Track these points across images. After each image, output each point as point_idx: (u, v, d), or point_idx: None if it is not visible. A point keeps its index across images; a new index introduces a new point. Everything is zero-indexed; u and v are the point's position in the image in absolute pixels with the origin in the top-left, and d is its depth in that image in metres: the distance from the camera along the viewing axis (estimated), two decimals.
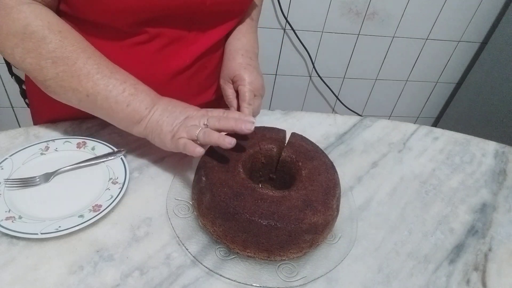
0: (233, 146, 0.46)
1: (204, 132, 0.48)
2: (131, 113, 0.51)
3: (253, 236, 0.43)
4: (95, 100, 0.50)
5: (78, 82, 0.49)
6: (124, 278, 0.43)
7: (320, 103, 1.66)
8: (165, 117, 0.51)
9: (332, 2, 1.34)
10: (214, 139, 0.47)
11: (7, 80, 1.34)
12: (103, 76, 0.50)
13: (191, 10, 0.56)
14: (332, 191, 0.47)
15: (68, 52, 0.49)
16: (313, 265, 0.46)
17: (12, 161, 0.53)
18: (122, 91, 0.50)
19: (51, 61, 0.48)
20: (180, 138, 0.49)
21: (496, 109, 1.45)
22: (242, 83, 0.60)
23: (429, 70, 1.61)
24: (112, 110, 0.51)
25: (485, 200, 0.62)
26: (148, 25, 0.55)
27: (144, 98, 0.51)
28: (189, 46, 0.61)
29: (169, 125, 0.50)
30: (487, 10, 1.45)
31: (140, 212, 0.50)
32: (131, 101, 0.51)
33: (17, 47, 0.48)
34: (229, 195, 0.44)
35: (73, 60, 0.49)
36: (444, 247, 0.53)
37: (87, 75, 0.49)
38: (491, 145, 0.75)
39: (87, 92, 0.50)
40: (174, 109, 0.52)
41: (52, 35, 0.48)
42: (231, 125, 0.48)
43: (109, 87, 0.50)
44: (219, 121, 0.49)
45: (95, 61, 0.50)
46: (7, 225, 0.44)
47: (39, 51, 0.48)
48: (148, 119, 0.51)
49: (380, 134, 0.73)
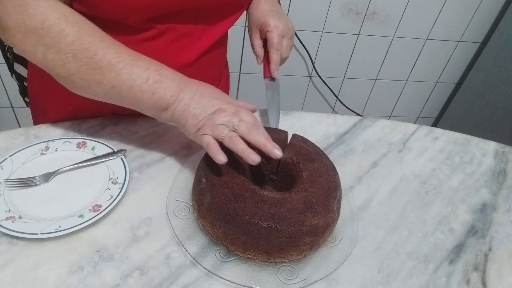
0: (256, 164, 0.45)
1: (230, 137, 0.46)
2: (157, 101, 0.49)
3: (253, 238, 0.43)
4: (120, 91, 0.49)
5: (101, 74, 0.48)
6: (124, 278, 0.43)
7: (320, 103, 1.66)
8: (191, 108, 0.48)
9: (332, 2, 1.34)
10: (239, 150, 0.46)
11: (7, 80, 1.34)
12: (125, 65, 0.48)
13: (198, 5, 0.57)
14: (333, 193, 0.47)
15: (86, 43, 0.47)
16: (313, 267, 0.46)
17: (12, 161, 0.53)
18: (146, 79, 0.48)
19: (71, 55, 0.47)
20: (205, 135, 0.47)
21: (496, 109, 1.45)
22: (268, 29, 0.64)
23: (429, 70, 1.61)
24: (138, 99, 0.49)
25: (485, 200, 0.62)
26: (158, 21, 0.56)
27: (169, 85, 0.49)
28: (195, 42, 0.62)
29: (194, 118, 0.48)
30: (487, 10, 1.45)
31: (140, 212, 0.50)
32: (156, 88, 0.49)
33: (38, 44, 0.47)
34: (229, 196, 0.44)
35: (92, 51, 0.47)
36: (444, 247, 0.53)
37: (109, 66, 0.48)
38: (491, 145, 0.75)
39: (111, 83, 0.48)
40: (202, 99, 0.49)
41: (69, 27, 0.47)
42: (261, 143, 0.46)
43: (133, 76, 0.48)
44: (250, 132, 0.47)
45: (115, 50, 0.49)
46: (7, 225, 0.44)
47: (59, 46, 0.47)
48: (174, 107, 0.49)
49: (380, 134, 0.73)
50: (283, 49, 0.66)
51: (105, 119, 0.64)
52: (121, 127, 0.63)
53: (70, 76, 0.49)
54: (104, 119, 0.64)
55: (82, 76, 0.48)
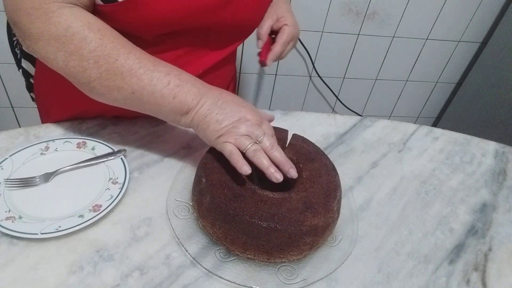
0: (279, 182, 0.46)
1: (255, 150, 0.46)
2: (178, 105, 0.49)
3: (253, 238, 0.43)
4: (141, 96, 0.49)
5: (121, 79, 0.48)
6: (124, 278, 0.43)
7: (320, 103, 1.66)
8: (214, 114, 0.48)
9: (332, 2, 1.34)
10: (264, 166, 0.46)
11: (7, 80, 1.34)
12: (146, 70, 0.48)
13: (210, 26, 0.58)
14: (333, 193, 0.47)
15: (108, 50, 0.47)
16: (313, 267, 0.46)
17: (12, 161, 0.53)
18: (167, 84, 0.49)
19: (93, 61, 0.47)
20: (227, 143, 0.47)
21: (496, 109, 1.45)
22: (286, 23, 0.67)
23: (429, 70, 1.61)
24: (159, 104, 0.49)
25: (485, 200, 0.62)
26: (169, 37, 0.56)
27: (190, 89, 0.49)
28: (202, 57, 0.63)
29: (217, 124, 0.48)
30: (487, 10, 1.44)
31: (140, 212, 0.50)
32: (177, 93, 0.49)
33: (59, 51, 0.47)
34: (229, 196, 0.44)
35: (114, 57, 0.48)
36: (444, 247, 0.53)
37: (130, 71, 0.48)
38: (491, 145, 0.75)
39: (132, 89, 0.48)
40: (225, 106, 0.49)
41: (92, 34, 0.47)
42: (280, 162, 0.47)
43: (153, 81, 0.48)
44: (272, 149, 0.47)
45: (136, 55, 0.49)
46: (7, 225, 0.44)
47: (81, 53, 0.47)
48: (195, 111, 0.49)
49: (380, 134, 0.73)
50: (286, 49, 0.68)
51: (105, 119, 0.64)
52: (121, 127, 0.63)
53: (91, 82, 0.49)
54: (104, 119, 0.65)
55: (103, 82, 0.48)
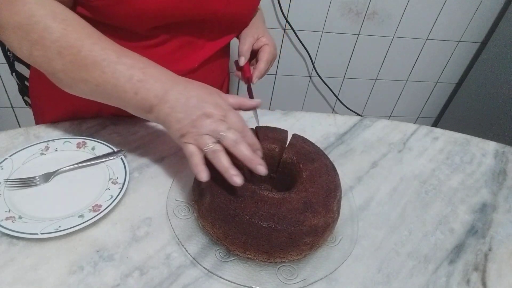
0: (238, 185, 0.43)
1: (213, 152, 0.43)
2: (141, 101, 0.46)
3: (253, 238, 0.43)
4: (105, 90, 0.47)
5: (86, 71, 0.46)
6: (124, 278, 0.43)
7: (320, 103, 1.66)
8: (176, 112, 0.45)
9: (332, 2, 1.34)
10: (222, 169, 0.43)
11: (7, 80, 1.34)
12: (109, 63, 0.46)
13: (204, 18, 0.58)
14: (333, 193, 0.47)
15: (72, 40, 0.46)
16: (313, 267, 0.46)
17: (12, 161, 0.53)
18: (130, 78, 0.46)
19: (56, 52, 0.46)
20: (188, 144, 0.45)
21: (496, 109, 1.45)
22: (268, 43, 0.67)
23: (429, 70, 1.61)
24: (123, 99, 0.47)
25: (485, 200, 0.62)
26: (163, 30, 0.56)
27: (152, 85, 0.46)
28: (198, 50, 0.62)
29: (178, 123, 0.45)
30: (487, 10, 1.44)
31: (140, 212, 0.50)
32: (139, 88, 0.46)
33: (23, 40, 0.46)
34: (229, 196, 0.44)
35: (77, 48, 0.46)
36: (444, 247, 0.53)
37: (94, 63, 0.46)
38: (491, 145, 0.75)
39: (96, 81, 0.47)
40: (188, 101, 0.45)
41: (55, 24, 0.46)
42: (246, 159, 0.44)
43: (116, 74, 0.46)
44: (236, 145, 0.44)
45: (101, 47, 0.47)
46: (7, 225, 0.44)
47: (44, 42, 0.46)
48: (158, 110, 0.46)
49: (380, 134, 0.73)
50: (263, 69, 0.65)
51: (105, 119, 0.64)
52: (121, 127, 0.63)
53: (57, 73, 0.48)
54: (104, 119, 0.65)
55: (69, 73, 0.47)
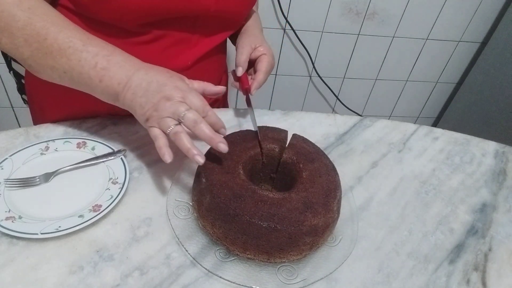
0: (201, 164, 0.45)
1: (175, 133, 0.45)
2: (106, 89, 0.48)
3: (253, 238, 0.43)
4: (72, 77, 0.48)
5: (52, 59, 0.47)
6: (124, 278, 0.43)
7: (320, 103, 1.66)
8: (138, 97, 0.47)
9: (332, 2, 1.34)
10: (184, 149, 0.45)
11: (7, 80, 1.34)
12: (74, 50, 0.47)
13: (195, 14, 0.57)
14: (333, 193, 0.47)
15: (38, 28, 0.46)
16: (313, 267, 0.46)
17: (12, 161, 0.53)
18: (94, 66, 0.47)
19: (23, 39, 0.47)
20: (152, 127, 0.46)
21: (496, 109, 1.45)
22: (266, 53, 0.65)
23: (429, 70, 1.61)
24: (89, 86, 0.48)
25: (485, 200, 0.62)
26: (154, 26, 0.56)
27: (116, 72, 0.47)
28: (191, 48, 0.62)
29: (141, 108, 0.46)
30: (487, 10, 1.44)
31: (140, 212, 0.50)
32: (103, 76, 0.47)
33: None
34: (229, 196, 0.44)
35: (43, 36, 0.47)
36: (444, 247, 0.53)
37: (59, 51, 0.47)
38: (491, 145, 0.75)
39: (63, 68, 0.48)
40: (149, 86, 0.47)
41: (20, 12, 0.46)
42: (206, 138, 0.45)
43: (81, 62, 0.47)
44: (196, 125, 0.45)
45: (66, 34, 0.47)
46: (7, 225, 0.44)
47: (10, 30, 0.47)
48: (123, 97, 0.48)
49: (380, 134, 0.73)
50: (262, 80, 0.64)
51: (105, 119, 0.64)
52: (121, 127, 0.63)
53: (25, 60, 0.49)
54: (104, 119, 0.64)
55: (37, 60, 0.48)
